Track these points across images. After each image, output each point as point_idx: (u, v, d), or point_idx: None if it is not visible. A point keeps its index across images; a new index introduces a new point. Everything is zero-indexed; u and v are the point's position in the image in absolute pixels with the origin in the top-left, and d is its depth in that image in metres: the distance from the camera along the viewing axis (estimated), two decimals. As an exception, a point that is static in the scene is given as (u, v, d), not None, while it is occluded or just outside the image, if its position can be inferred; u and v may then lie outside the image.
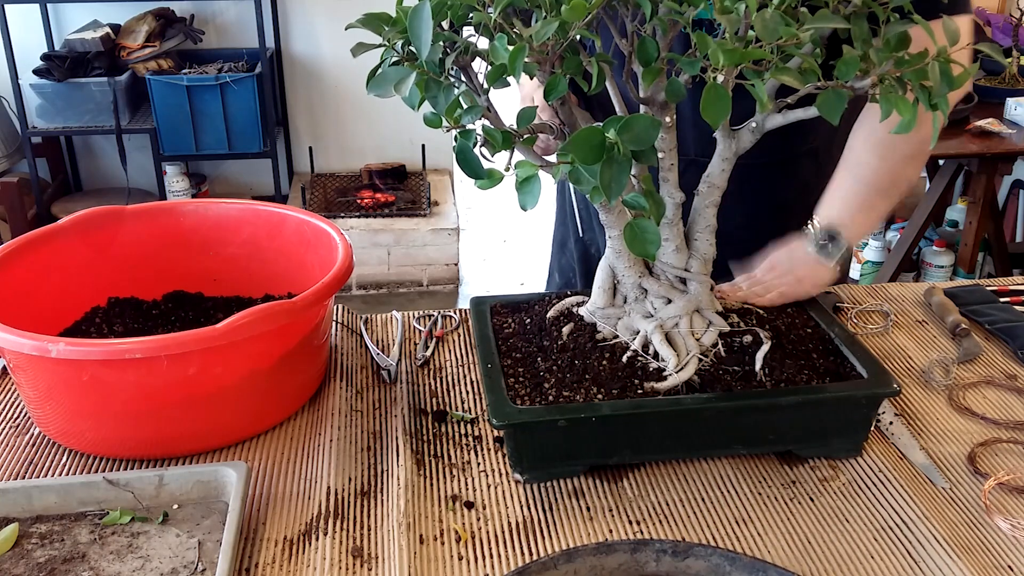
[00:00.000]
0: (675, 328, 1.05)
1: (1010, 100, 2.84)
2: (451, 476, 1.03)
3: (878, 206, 1.20)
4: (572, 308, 1.14)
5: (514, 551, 0.92)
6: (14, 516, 0.95)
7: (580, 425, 0.97)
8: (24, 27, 3.58)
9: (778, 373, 1.02)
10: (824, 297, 1.38)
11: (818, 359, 1.06)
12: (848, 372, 1.04)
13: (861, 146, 1.20)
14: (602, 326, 1.09)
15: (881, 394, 1.01)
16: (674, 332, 1.05)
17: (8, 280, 1.14)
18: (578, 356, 1.05)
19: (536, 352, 1.08)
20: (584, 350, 1.06)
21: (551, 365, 1.05)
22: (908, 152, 1.19)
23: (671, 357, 1.02)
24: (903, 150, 1.18)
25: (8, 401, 1.17)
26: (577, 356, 1.05)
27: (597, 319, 1.09)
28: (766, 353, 1.03)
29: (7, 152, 3.67)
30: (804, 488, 1.00)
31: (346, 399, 1.16)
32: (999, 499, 0.99)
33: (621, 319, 1.08)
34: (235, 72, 3.54)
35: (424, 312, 1.37)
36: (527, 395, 1.00)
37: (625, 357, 1.04)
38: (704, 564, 0.83)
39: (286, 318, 1.04)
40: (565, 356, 1.05)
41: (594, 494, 1.00)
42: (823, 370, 1.05)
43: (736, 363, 1.03)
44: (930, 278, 3.26)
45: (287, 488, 1.01)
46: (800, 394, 1.01)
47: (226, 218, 1.32)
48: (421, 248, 3.70)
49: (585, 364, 1.04)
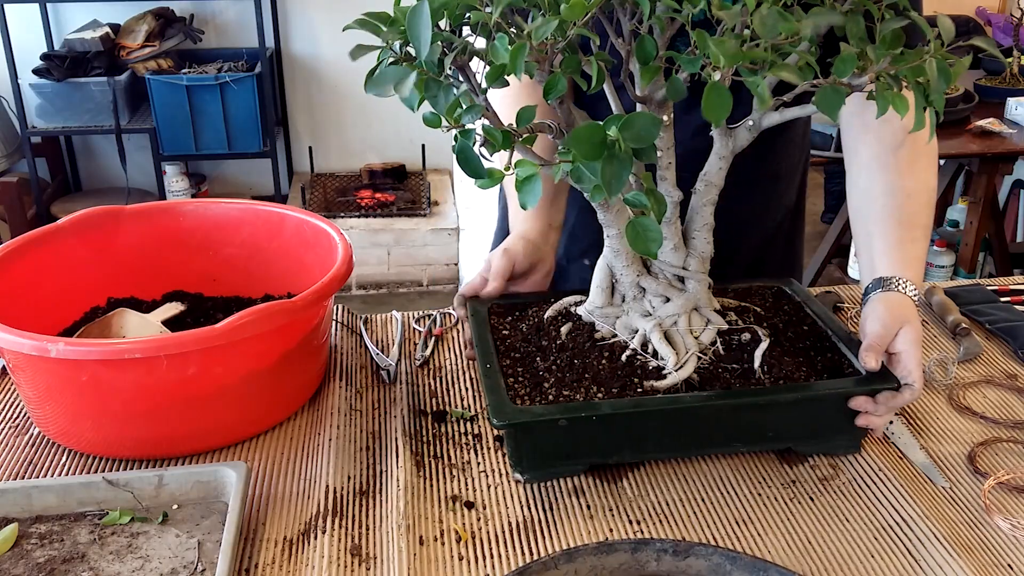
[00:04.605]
0: (674, 327, 1.05)
1: (1011, 100, 2.84)
2: (451, 476, 1.02)
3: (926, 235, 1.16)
4: (570, 308, 1.14)
5: (514, 551, 0.92)
6: (13, 516, 0.95)
7: (580, 424, 0.97)
8: (24, 27, 3.58)
9: (777, 370, 1.02)
10: (824, 297, 1.38)
11: (816, 356, 1.06)
12: (846, 369, 1.04)
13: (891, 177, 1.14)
14: (600, 325, 1.09)
15: (879, 390, 1.01)
16: (673, 331, 1.05)
17: (7, 280, 1.14)
18: (577, 355, 1.05)
19: (535, 352, 1.07)
20: (583, 349, 1.06)
21: (550, 365, 1.04)
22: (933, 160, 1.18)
23: (670, 355, 1.02)
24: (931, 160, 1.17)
25: (7, 401, 1.17)
26: (576, 355, 1.05)
27: (596, 318, 1.09)
28: (765, 351, 1.03)
29: (6, 152, 3.67)
30: (804, 488, 1.00)
31: (346, 399, 1.16)
32: (999, 498, 0.99)
33: (620, 318, 1.08)
34: (235, 72, 3.54)
35: (424, 312, 1.37)
36: (527, 395, 1.00)
37: (624, 356, 1.04)
38: (705, 564, 0.83)
39: (286, 318, 1.04)
40: (564, 355, 1.05)
41: (594, 493, 1.00)
42: (821, 367, 1.04)
43: (735, 361, 1.03)
44: (931, 278, 3.26)
45: (287, 488, 1.01)
46: (799, 391, 1.01)
47: (226, 218, 1.31)
48: (421, 248, 3.70)
49: (584, 363, 1.03)
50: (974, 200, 2.94)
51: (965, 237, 3.07)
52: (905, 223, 1.12)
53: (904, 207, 1.13)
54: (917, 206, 1.14)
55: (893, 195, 1.14)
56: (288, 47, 3.89)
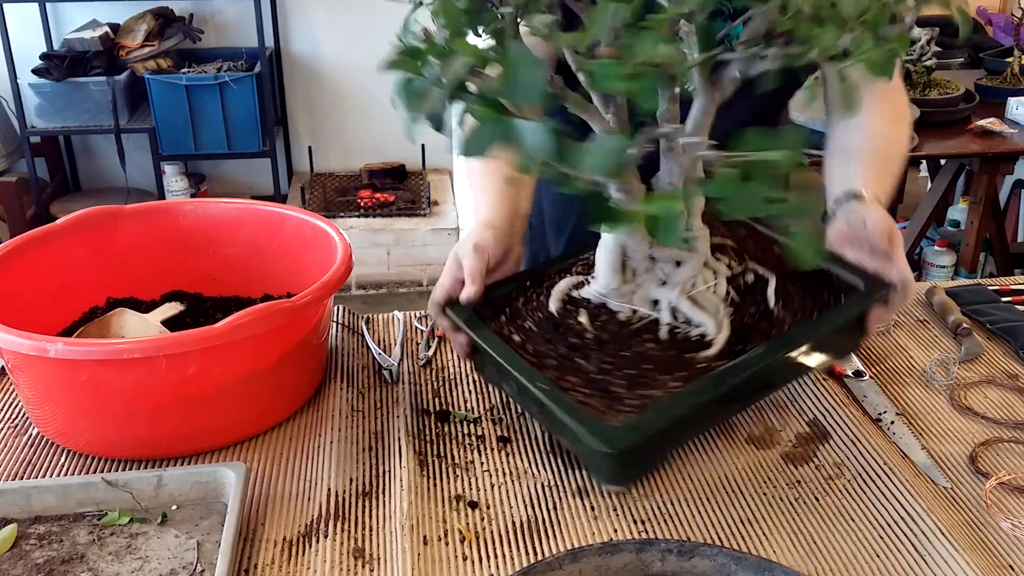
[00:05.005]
0: (693, 288, 1.03)
1: (1011, 100, 2.84)
2: (454, 476, 1.02)
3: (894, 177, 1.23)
4: (571, 295, 1.07)
5: (519, 551, 0.92)
6: (12, 517, 0.94)
7: (682, 420, 0.93)
8: (23, 26, 3.58)
9: (790, 303, 1.04)
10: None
11: (807, 278, 1.08)
12: (841, 282, 1.07)
13: (879, 122, 1.21)
14: (618, 306, 1.04)
15: (888, 296, 1.06)
16: (696, 294, 1.03)
17: (7, 280, 1.13)
18: (621, 347, 0.99)
19: (570, 353, 1.00)
20: (621, 337, 1.00)
21: (600, 365, 0.98)
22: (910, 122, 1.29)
23: (707, 320, 1.00)
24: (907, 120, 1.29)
25: (6, 401, 1.17)
26: (620, 347, 0.99)
27: (609, 300, 1.04)
28: (775, 287, 1.05)
29: (6, 152, 3.67)
30: (809, 488, 1.00)
31: (347, 399, 1.15)
32: (1000, 499, 0.99)
33: (636, 293, 1.04)
34: (234, 71, 3.54)
35: (425, 312, 1.36)
36: (605, 406, 0.93)
37: (663, 332, 1.01)
38: (710, 564, 0.83)
39: (285, 318, 1.04)
40: (609, 350, 1.00)
41: (598, 493, 0.99)
42: (817, 287, 1.07)
43: (751, 304, 1.03)
44: (932, 278, 3.26)
45: (286, 489, 1.01)
46: (836, 317, 1.04)
47: (225, 218, 1.31)
48: (421, 248, 3.70)
49: (634, 352, 0.99)
50: (975, 200, 2.94)
51: (966, 237, 3.06)
52: (882, 161, 1.19)
53: (883, 151, 1.21)
54: (895, 155, 1.22)
55: (878, 137, 1.21)
56: (288, 47, 3.89)
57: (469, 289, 1.06)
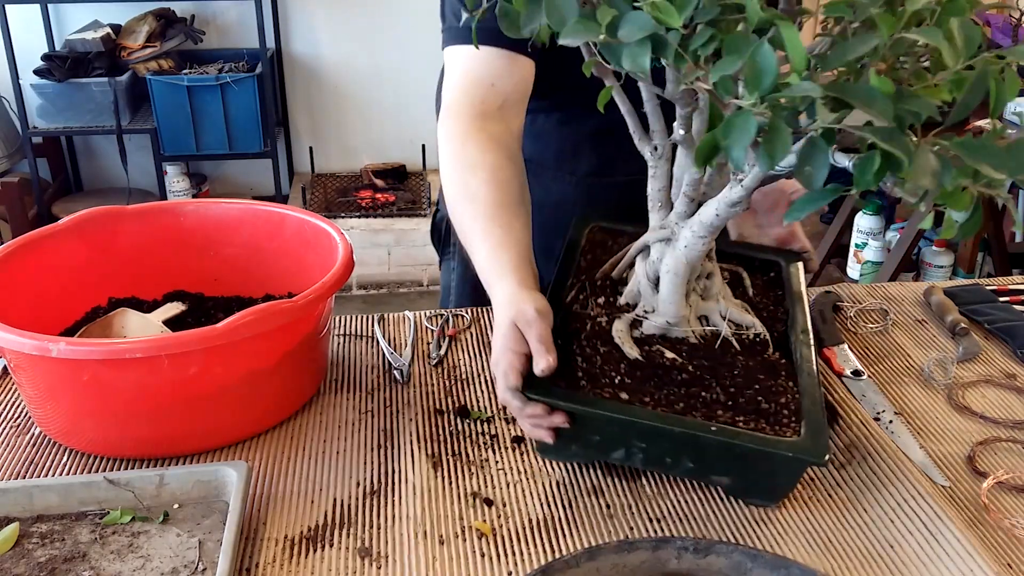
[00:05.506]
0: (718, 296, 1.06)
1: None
2: (469, 474, 1.03)
3: None
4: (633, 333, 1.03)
5: (535, 548, 0.92)
6: (15, 516, 0.95)
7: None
8: (25, 27, 3.58)
9: (759, 289, 1.15)
10: (824, 296, 1.38)
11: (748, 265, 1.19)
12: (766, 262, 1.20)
13: None
14: (680, 332, 1.02)
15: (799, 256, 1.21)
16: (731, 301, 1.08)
17: (9, 280, 1.14)
18: (724, 367, 0.99)
19: (686, 391, 0.96)
20: (714, 359, 1.00)
21: (726, 391, 0.96)
22: None
23: (752, 320, 1.06)
24: None
25: (9, 401, 1.17)
26: (724, 368, 0.99)
27: (673, 330, 1.03)
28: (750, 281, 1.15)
29: (8, 152, 3.68)
30: (822, 484, 1.01)
31: (353, 399, 1.16)
32: (998, 498, 0.99)
33: (687, 316, 1.03)
34: (235, 72, 3.54)
35: (435, 312, 1.37)
36: (766, 426, 0.93)
37: (735, 343, 1.02)
38: (725, 561, 0.83)
39: (286, 318, 1.04)
40: (719, 375, 0.98)
41: (614, 492, 1.00)
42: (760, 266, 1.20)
43: (739, 297, 1.12)
44: (930, 278, 3.26)
45: (288, 488, 1.01)
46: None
47: (226, 218, 1.32)
48: (421, 248, 3.70)
49: (740, 369, 0.99)
50: (974, 200, 2.94)
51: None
52: None
53: None
54: None
55: None
56: (288, 47, 3.89)
57: (546, 360, 0.92)
